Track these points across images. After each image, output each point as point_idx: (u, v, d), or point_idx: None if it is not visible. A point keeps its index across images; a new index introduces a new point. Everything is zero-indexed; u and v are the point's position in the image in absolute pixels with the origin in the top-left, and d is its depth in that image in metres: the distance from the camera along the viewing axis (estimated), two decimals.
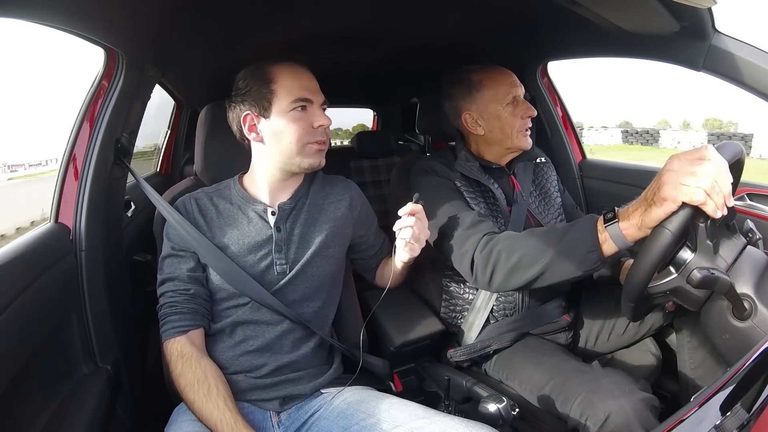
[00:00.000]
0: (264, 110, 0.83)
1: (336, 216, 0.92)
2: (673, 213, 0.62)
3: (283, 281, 0.84)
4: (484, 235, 0.86)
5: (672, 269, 0.69)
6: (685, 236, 0.67)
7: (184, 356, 0.76)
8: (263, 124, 0.84)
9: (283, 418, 0.80)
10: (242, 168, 0.92)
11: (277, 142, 0.84)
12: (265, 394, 0.80)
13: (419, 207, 0.79)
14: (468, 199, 0.98)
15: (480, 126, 1.04)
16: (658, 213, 0.63)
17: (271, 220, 0.87)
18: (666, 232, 0.62)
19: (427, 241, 0.84)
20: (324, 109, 0.87)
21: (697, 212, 0.62)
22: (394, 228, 0.80)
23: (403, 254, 0.83)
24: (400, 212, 0.79)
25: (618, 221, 0.68)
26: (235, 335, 0.82)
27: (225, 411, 0.71)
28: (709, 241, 0.66)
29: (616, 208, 0.70)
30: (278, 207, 0.87)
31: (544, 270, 0.76)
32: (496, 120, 1.01)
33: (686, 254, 0.68)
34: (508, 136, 1.01)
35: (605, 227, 0.69)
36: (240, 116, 0.85)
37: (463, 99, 1.05)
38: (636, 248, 0.69)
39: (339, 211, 0.93)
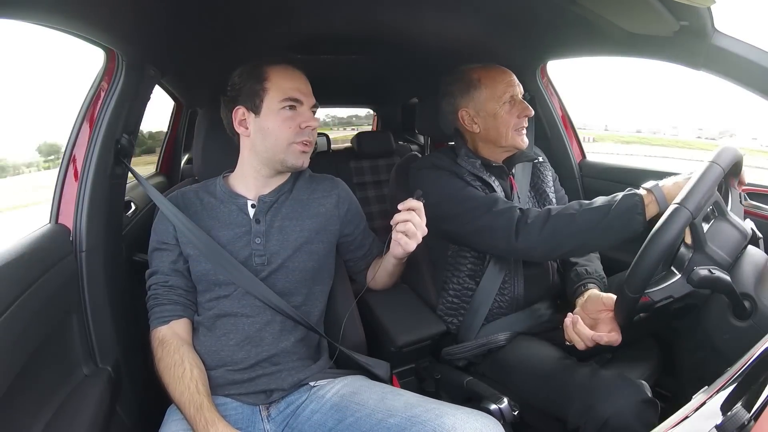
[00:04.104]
0: (255, 107, 0.85)
1: (320, 212, 0.92)
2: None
3: (263, 274, 0.85)
4: (518, 209, 0.91)
5: (674, 269, 0.69)
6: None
7: (164, 343, 0.80)
8: (253, 120, 0.86)
9: (273, 412, 0.81)
10: None
11: (263, 139, 0.86)
12: (246, 388, 0.81)
13: (419, 204, 0.79)
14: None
15: (476, 124, 1.04)
16: None
17: (251, 212, 0.88)
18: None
19: (429, 236, 0.84)
20: (314, 112, 0.90)
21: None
22: (392, 222, 0.81)
23: (396, 248, 0.83)
24: (400, 206, 0.80)
25: (659, 185, 0.80)
26: (216, 329, 0.83)
27: (195, 393, 0.73)
28: (708, 241, 0.66)
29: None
30: (258, 200, 0.89)
31: (596, 234, 0.84)
32: (492, 118, 1.02)
33: (687, 252, 0.68)
34: (503, 134, 1.01)
35: (650, 189, 0.80)
36: (232, 110, 0.87)
37: (461, 97, 1.05)
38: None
39: (324, 208, 0.93)
